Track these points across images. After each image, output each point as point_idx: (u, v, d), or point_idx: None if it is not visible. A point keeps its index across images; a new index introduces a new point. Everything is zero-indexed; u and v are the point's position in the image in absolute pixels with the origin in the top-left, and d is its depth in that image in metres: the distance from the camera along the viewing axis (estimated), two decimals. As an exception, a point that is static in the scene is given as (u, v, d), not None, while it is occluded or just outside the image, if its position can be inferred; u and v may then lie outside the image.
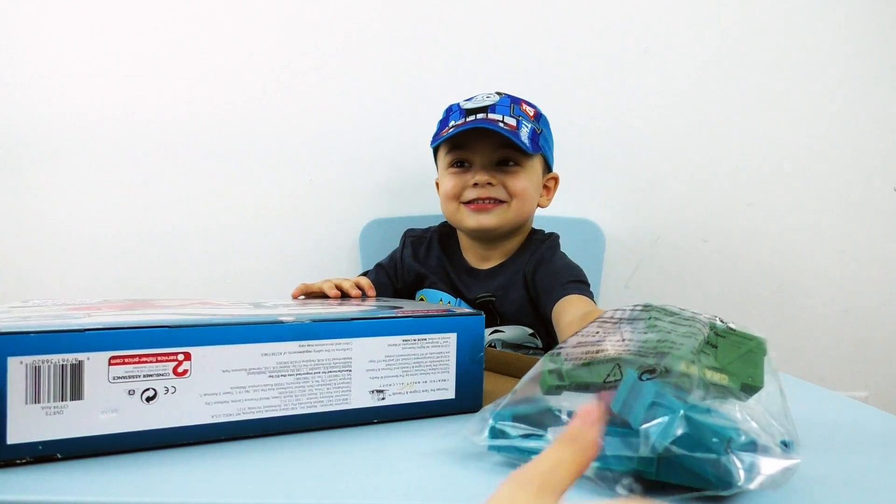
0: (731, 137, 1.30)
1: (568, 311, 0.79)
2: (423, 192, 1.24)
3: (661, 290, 1.32)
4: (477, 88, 1.03)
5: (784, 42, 1.30)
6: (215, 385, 0.45)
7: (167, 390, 0.43)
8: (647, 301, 0.49)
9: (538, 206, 0.97)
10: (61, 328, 0.41)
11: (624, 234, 1.29)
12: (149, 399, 0.43)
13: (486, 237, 0.94)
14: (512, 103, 0.92)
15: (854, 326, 1.32)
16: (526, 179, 0.91)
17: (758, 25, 1.30)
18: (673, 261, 1.31)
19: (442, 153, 0.95)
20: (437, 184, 1.01)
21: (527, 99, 0.96)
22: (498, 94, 0.94)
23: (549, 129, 0.98)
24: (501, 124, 0.87)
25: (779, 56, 1.30)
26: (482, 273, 0.95)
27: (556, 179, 0.99)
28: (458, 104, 0.95)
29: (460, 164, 0.93)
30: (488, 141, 0.89)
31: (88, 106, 1.22)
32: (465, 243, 0.98)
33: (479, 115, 0.89)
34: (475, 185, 0.89)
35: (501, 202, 0.90)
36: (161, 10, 1.23)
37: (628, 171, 1.29)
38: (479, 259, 0.97)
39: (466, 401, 0.55)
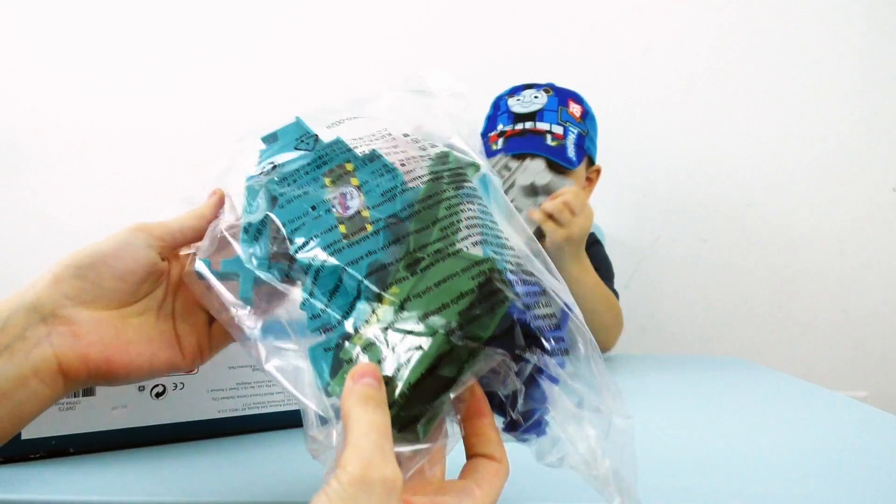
0: (731, 137, 1.31)
1: None
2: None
3: (661, 290, 1.32)
4: (476, 87, 1.03)
5: (784, 42, 1.30)
6: (222, 381, 0.46)
7: (175, 386, 0.44)
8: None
9: None
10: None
11: (624, 234, 1.30)
12: (158, 395, 0.44)
13: None
14: (560, 105, 0.94)
15: (854, 326, 1.33)
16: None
17: (758, 26, 1.30)
18: (673, 261, 1.32)
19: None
20: None
21: (573, 91, 0.98)
22: (545, 90, 0.95)
23: (594, 122, 1.00)
24: (549, 136, 0.90)
25: (779, 56, 1.30)
26: None
27: (598, 171, 1.03)
28: (505, 101, 0.97)
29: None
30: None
31: (89, 106, 1.23)
32: None
33: (528, 124, 0.92)
34: None
35: None
36: (161, 11, 1.23)
37: (628, 171, 1.30)
38: None
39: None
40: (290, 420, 0.49)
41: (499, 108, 0.98)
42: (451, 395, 0.27)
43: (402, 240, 0.30)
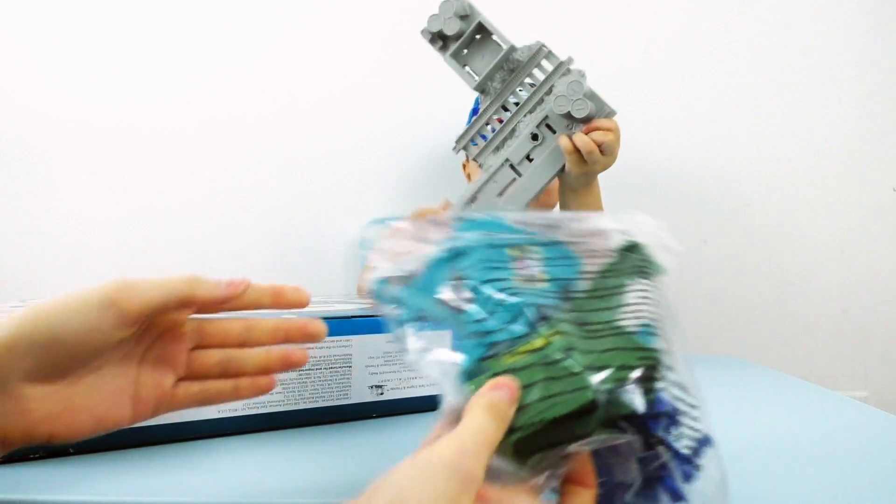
0: (731, 137, 1.31)
1: None
2: (425, 189, 1.25)
3: (662, 289, 1.32)
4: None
5: (784, 42, 1.30)
6: (222, 381, 0.46)
7: (175, 386, 0.44)
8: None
9: None
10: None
11: (625, 233, 1.30)
12: (157, 395, 0.44)
13: None
14: None
15: (854, 326, 1.33)
16: None
17: (758, 26, 1.30)
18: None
19: None
20: (465, 165, 1.05)
21: None
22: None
23: None
24: None
25: (779, 56, 1.30)
26: None
27: None
28: None
29: None
30: None
31: (89, 106, 1.23)
32: None
33: None
34: None
35: None
36: (162, 11, 1.23)
37: (628, 170, 1.30)
38: None
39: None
40: (290, 420, 0.49)
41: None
42: (571, 448, 0.27)
43: (572, 300, 0.33)
